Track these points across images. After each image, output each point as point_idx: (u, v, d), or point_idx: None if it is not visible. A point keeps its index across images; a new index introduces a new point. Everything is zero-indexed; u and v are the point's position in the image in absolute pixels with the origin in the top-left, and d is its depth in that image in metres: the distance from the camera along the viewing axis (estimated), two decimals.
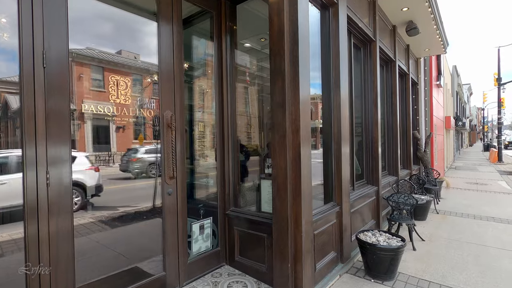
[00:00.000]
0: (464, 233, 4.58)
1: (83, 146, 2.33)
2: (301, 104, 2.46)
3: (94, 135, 2.38)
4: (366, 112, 4.55)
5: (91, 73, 2.29)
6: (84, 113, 2.23)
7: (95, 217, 2.46)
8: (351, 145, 3.98)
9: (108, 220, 2.57)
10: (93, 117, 2.30)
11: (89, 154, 2.42)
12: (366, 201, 4.15)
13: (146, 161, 2.86)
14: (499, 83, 17.52)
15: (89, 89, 2.29)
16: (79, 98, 2.21)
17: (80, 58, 2.22)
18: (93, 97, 2.33)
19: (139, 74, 2.64)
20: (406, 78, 6.80)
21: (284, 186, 2.47)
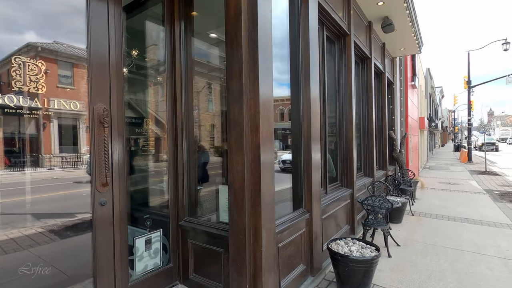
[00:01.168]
0: (439, 236, 4.43)
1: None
2: (262, 98, 2.10)
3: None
4: (340, 111, 4.29)
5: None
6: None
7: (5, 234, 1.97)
8: (324, 146, 3.69)
9: (29, 237, 2.08)
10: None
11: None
12: (340, 205, 3.88)
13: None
14: (469, 86, 18.19)
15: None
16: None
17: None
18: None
19: (66, 61, 2.17)
20: (382, 77, 6.67)
21: (241, 192, 2.10)
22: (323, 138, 3.70)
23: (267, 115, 2.16)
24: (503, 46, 17.05)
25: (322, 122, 3.69)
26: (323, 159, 3.69)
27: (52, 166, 2.20)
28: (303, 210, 2.91)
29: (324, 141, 3.70)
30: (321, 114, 3.68)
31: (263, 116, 2.11)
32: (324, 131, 3.72)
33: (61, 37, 2.10)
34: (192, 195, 2.76)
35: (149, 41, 3.30)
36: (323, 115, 3.71)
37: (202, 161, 3.08)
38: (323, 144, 3.69)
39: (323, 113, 3.70)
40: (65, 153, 2.35)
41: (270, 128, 2.19)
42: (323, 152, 3.68)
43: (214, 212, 2.83)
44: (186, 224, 2.62)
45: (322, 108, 3.70)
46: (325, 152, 3.71)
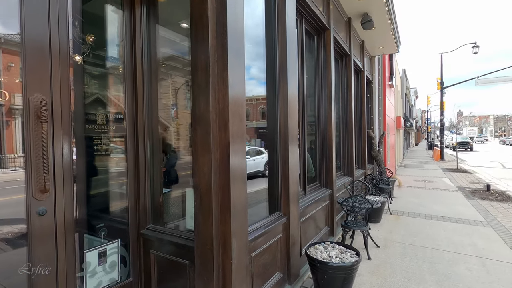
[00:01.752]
0: (418, 235, 4.40)
1: None
2: (232, 90, 1.86)
3: None
4: (319, 109, 4.13)
5: None
6: None
7: None
8: (303, 145, 3.51)
9: None
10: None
11: None
12: (320, 206, 3.71)
13: None
14: (441, 87, 18.90)
15: None
16: None
17: None
18: None
19: None
20: (361, 76, 6.63)
21: (208, 197, 1.84)
22: (302, 136, 3.51)
23: (238, 110, 1.92)
24: (473, 49, 17.86)
25: (301, 119, 3.51)
26: (302, 158, 3.51)
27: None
28: (280, 213, 2.70)
29: (303, 139, 3.52)
30: (300, 112, 3.50)
31: (233, 111, 1.86)
32: (303, 129, 3.54)
33: None
34: (156, 200, 2.47)
35: (110, 28, 2.95)
36: (302, 113, 3.52)
37: (171, 162, 2.79)
38: (302, 143, 3.51)
39: (301, 111, 3.52)
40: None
41: (241, 125, 1.95)
42: (302, 151, 3.50)
43: (182, 218, 2.55)
44: (149, 233, 2.33)
45: (301, 105, 3.52)
46: (304, 151, 3.53)
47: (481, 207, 6.23)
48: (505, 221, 5.15)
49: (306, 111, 3.60)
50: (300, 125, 3.49)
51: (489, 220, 5.25)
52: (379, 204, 4.05)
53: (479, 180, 10.35)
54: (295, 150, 2.81)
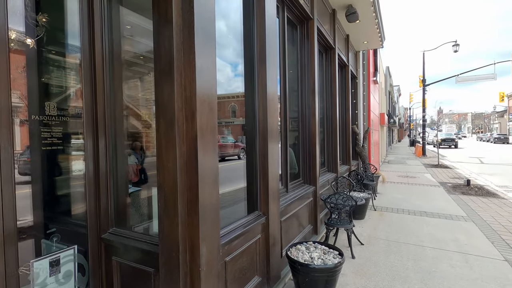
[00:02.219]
0: (401, 232, 4.34)
1: None
2: (200, 75, 1.64)
3: None
4: (303, 103, 3.96)
5: None
6: None
7: None
8: (284, 140, 3.33)
9: None
10: None
11: None
12: (303, 204, 3.56)
13: None
14: (423, 84, 19.29)
15: None
16: None
17: None
18: None
19: None
20: (346, 70, 6.53)
21: (173, 197, 1.63)
22: (284, 132, 3.33)
23: (208, 99, 1.71)
24: (454, 47, 18.29)
25: (283, 114, 3.33)
26: (284, 154, 3.33)
27: None
28: (259, 213, 2.51)
29: (285, 135, 3.34)
30: (282, 106, 3.31)
31: (201, 99, 1.65)
32: (285, 124, 3.35)
33: None
34: (121, 200, 2.22)
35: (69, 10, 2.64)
36: (284, 107, 3.34)
37: (139, 159, 2.54)
38: (284, 139, 3.33)
39: (283, 105, 3.33)
40: None
41: (211, 116, 1.73)
42: (283, 147, 3.33)
43: (149, 220, 2.32)
44: (111, 238, 2.08)
45: (283, 99, 3.33)
46: (286, 147, 3.35)
47: (462, 202, 6.30)
48: (486, 216, 5.19)
49: (289, 106, 3.42)
50: (282, 120, 3.31)
51: (470, 215, 5.28)
52: (363, 201, 3.95)
53: (459, 175, 10.58)
54: (275, 146, 2.62)
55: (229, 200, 2.67)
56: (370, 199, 5.07)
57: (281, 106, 3.31)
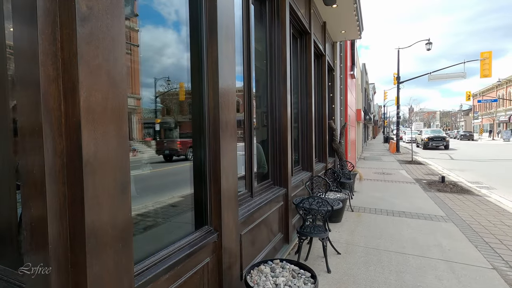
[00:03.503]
0: (381, 237, 3.94)
1: None
2: (85, 23, 1.01)
3: None
4: (273, 93, 3.41)
5: None
6: None
7: None
8: (249, 136, 2.76)
9: None
10: None
11: None
12: (271, 210, 3.03)
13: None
14: (398, 81, 19.55)
15: None
16: None
17: None
18: None
19: None
20: (323, 61, 6.07)
21: (42, 224, 1.00)
22: (249, 125, 2.76)
23: (107, 66, 1.08)
24: (427, 46, 18.65)
25: (246, 103, 2.75)
26: (248, 152, 2.76)
27: None
28: (209, 228, 1.93)
29: (249, 129, 2.77)
30: (245, 94, 2.74)
31: (91, 62, 1.02)
32: (250, 116, 2.78)
33: None
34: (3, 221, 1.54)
35: None
36: (248, 95, 2.76)
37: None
38: (248, 133, 2.76)
39: (247, 93, 2.75)
40: None
41: (116, 93, 1.12)
42: (248, 143, 2.76)
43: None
44: None
45: (246, 85, 2.75)
46: (251, 143, 2.79)
47: (439, 200, 6.09)
48: (464, 215, 4.96)
49: (255, 95, 2.84)
50: (246, 111, 2.74)
51: (449, 214, 5.03)
52: (340, 204, 3.48)
53: (432, 172, 10.61)
54: (231, 143, 2.04)
55: (171, 214, 2.07)
56: (347, 200, 4.66)
57: (244, 94, 2.73)
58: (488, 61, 17.25)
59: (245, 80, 2.71)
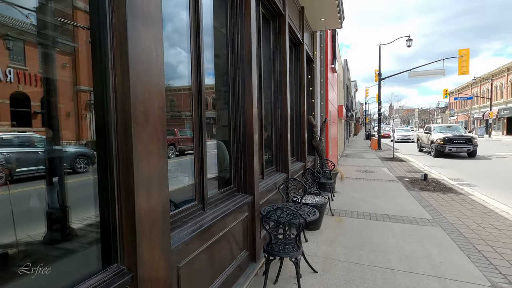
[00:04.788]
0: (364, 247, 3.45)
1: None
2: None
3: None
4: (236, 79, 2.81)
5: None
6: None
7: None
8: (199, 132, 2.15)
9: None
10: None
11: None
12: (233, 223, 2.44)
13: None
14: (379, 78, 19.46)
15: None
16: None
17: None
18: None
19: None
20: (301, 49, 5.52)
21: None
22: (197, 117, 2.15)
23: None
24: (407, 42, 18.64)
25: (195, 89, 2.13)
26: (198, 153, 2.16)
27: None
28: (119, 267, 1.31)
29: (198, 121, 2.16)
30: (194, 78, 2.12)
31: None
32: (199, 105, 2.17)
33: None
34: None
35: None
36: (197, 80, 2.14)
37: None
38: (198, 127, 2.15)
39: (196, 76, 2.14)
40: None
41: None
42: (197, 141, 2.15)
43: None
44: None
45: (195, 65, 2.13)
46: (201, 141, 2.18)
47: (424, 200, 5.74)
48: (451, 217, 4.59)
49: (204, 75, 2.22)
50: (194, 99, 2.12)
51: (436, 217, 4.65)
52: (316, 214, 2.89)
53: (414, 169, 10.41)
54: (154, 143, 1.42)
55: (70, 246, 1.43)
56: (326, 204, 4.15)
57: (192, 79, 2.11)
58: (466, 58, 17.46)
59: (193, 59, 2.10)
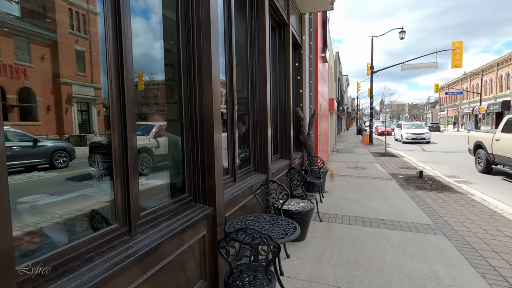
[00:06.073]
0: (357, 265, 2.84)
1: None
2: None
3: None
4: (189, 51, 2.12)
5: None
6: None
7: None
8: (118, 125, 1.47)
9: None
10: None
11: None
12: (181, 248, 1.78)
13: None
14: (371, 71, 18.95)
15: None
16: None
17: None
18: None
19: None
20: (286, 32, 4.84)
21: None
22: (119, 104, 1.46)
23: None
24: (400, 34, 18.13)
25: (114, 59, 1.44)
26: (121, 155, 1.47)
27: None
28: None
29: (119, 113, 1.47)
30: (110, 38, 1.43)
31: None
32: (120, 85, 1.48)
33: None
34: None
35: None
36: (116, 49, 1.45)
37: None
38: (118, 119, 1.46)
39: (116, 40, 1.44)
40: None
41: None
42: (117, 137, 1.46)
43: None
44: None
45: (112, 26, 1.44)
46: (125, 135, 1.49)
47: (421, 201, 5.19)
48: (454, 222, 4.04)
49: (127, 45, 1.52)
50: (111, 73, 1.43)
51: (437, 221, 4.09)
52: (296, 231, 2.13)
53: (407, 165, 9.94)
54: None
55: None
56: (313, 210, 3.52)
57: (107, 44, 1.42)
58: (459, 51, 17.06)
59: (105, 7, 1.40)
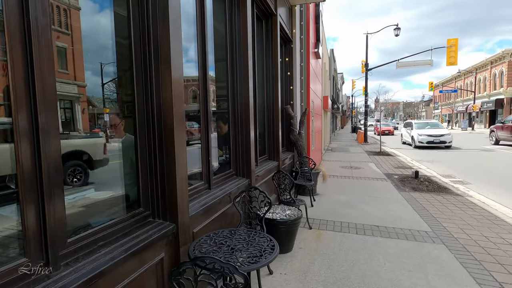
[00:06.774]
0: (348, 282, 2.51)
1: None
2: None
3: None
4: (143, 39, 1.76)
5: None
6: None
7: None
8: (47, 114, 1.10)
9: None
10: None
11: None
12: (124, 281, 1.42)
13: None
14: (366, 68, 18.68)
15: None
16: None
17: None
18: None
19: None
20: (273, 23, 4.47)
21: None
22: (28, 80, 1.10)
23: None
24: (395, 31, 17.88)
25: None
26: (40, 159, 1.11)
27: None
28: None
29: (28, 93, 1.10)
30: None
31: None
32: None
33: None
34: None
35: None
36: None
37: None
38: (31, 109, 1.10)
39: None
40: None
41: None
42: (37, 135, 1.10)
43: None
44: None
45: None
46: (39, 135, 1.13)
47: (418, 204, 4.90)
48: (454, 229, 3.75)
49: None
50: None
51: (435, 228, 3.79)
52: (274, 252, 1.75)
53: (402, 164, 9.69)
54: None
55: None
56: (300, 219, 3.18)
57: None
58: (454, 49, 16.88)
59: None
